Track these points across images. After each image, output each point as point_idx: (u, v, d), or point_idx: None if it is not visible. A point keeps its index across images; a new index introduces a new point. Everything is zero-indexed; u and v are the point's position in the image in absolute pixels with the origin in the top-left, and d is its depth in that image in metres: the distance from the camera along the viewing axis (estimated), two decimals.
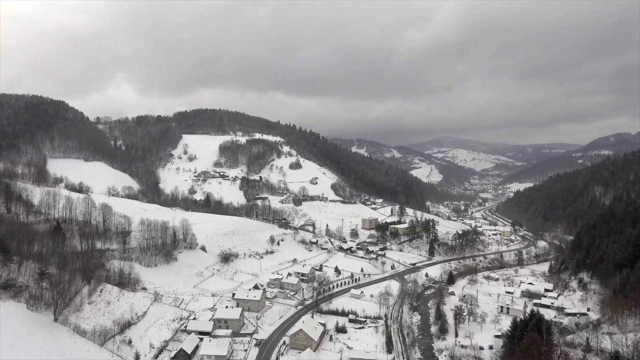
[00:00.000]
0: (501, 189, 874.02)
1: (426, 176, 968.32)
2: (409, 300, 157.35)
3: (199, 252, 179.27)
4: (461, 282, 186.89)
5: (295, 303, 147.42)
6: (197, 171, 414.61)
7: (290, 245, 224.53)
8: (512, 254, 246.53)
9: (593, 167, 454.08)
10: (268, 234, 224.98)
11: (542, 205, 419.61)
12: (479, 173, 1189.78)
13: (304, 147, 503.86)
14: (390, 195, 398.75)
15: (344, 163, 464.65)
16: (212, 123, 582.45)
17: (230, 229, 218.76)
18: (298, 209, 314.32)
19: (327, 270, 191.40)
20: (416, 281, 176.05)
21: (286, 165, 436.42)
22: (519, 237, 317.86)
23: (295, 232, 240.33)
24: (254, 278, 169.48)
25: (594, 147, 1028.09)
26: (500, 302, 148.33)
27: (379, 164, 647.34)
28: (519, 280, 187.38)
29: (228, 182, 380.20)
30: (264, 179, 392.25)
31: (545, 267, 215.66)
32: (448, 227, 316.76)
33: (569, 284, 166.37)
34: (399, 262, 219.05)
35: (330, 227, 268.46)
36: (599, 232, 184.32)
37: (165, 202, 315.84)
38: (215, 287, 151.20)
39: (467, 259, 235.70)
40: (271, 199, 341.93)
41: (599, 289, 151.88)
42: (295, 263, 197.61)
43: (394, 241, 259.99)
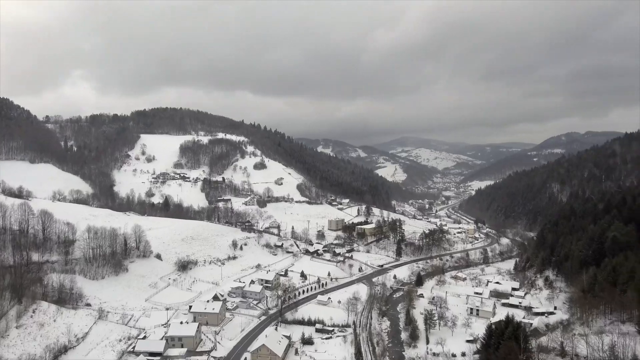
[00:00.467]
0: (462, 187, 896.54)
1: (391, 175, 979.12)
2: (378, 304, 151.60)
3: (153, 260, 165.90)
4: (429, 283, 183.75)
5: (259, 313, 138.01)
6: (155, 173, 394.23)
7: (254, 249, 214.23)
8: (477, 252, 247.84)
9: (549, 165, 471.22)
10: (230, 238, 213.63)
11: (503, 202, 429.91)
12: (441, 172, 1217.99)
13: (269, 147, 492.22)
14: (356, 195, 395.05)
15: (309, 163, 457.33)
16: (173, 122, 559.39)
17: (189, 234, 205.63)
18: (263, 210, 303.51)
19: (293, 275, 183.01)
20: (384, 284, 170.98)
21: (250, 165, 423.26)
22: (482, 235, 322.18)
23: (260, 236, 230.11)
24: (214, 287, 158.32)
25: (547, 146, 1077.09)
26: (469, 304, 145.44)
27: (345, 163, 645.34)
28: (485, 280, 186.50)
29: (189, 184, 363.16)
30: (227, 180, 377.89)
31: (510, 265, 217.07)
32: (414, 227, 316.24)
33: (535, 282, 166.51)
34: (367, 264, 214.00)
35: (296, 229, 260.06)
36: (562, 230, 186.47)
37: (119, 206, 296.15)
38: (170, 299, 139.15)
39: (434, 258, 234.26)
40: (234, 200, 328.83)
41: (565, 286, 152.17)
42: (259, 269, 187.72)
43: (361, 242, 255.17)
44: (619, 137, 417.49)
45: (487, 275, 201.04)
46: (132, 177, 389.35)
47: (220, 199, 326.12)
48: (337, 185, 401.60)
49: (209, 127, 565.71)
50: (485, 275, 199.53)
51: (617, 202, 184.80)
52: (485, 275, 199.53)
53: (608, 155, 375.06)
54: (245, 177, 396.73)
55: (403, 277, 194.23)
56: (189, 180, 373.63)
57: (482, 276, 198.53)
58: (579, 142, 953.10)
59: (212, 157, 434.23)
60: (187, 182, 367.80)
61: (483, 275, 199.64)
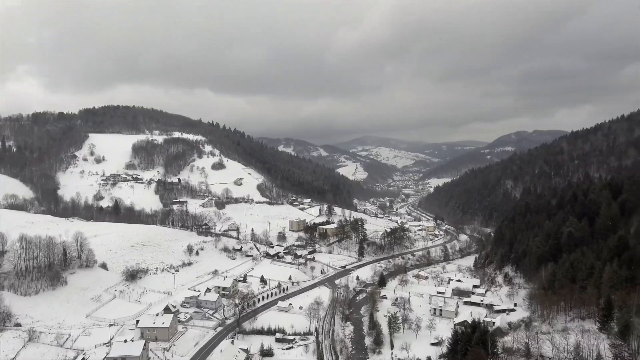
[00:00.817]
0: (421, 184, 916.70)
1: (352, 174, 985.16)
2: (341, 308, 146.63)
3: (97, 270, 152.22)
4: (392, 283, 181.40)
5: (215, 324, 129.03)
6: (105, 174, 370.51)
7: (211, 254, 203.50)
8: (438, 249, 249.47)
9: (503, 162, 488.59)
10: (185, 243, 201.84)
11: (460, 199, 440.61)
12: (400, 170, 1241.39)
13: (227, 146, 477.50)
14: (318, 194, 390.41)
15: (270, 162, 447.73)
16: (125, 121, 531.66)
17: (139, 240, 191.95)
18: (221, 212, 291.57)
19: (252, 280, 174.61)
20: (347, 286, 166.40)
21: (208, 165, 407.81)
22: (442, 232, 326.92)
23: (217, 239, 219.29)
24: (166, 297, 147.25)
25: (498, 144, 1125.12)
26: (432, 304, 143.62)
27: (306, 163, 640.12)
28: (447, 278, 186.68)
29: (142, 186, 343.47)
30: (184, 181, 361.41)
31: (470, 262, 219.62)
32: (376, 225, 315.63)
33: (495, 279, 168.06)
34: (329, 266, 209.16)
35: (257, 231, 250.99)
36: (519, 226, 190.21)
37: (63, 212, 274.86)
38: (115, 313, 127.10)
39: (396, 257, 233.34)
40: (191, 202, 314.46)
41: (524, 283, 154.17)
42: (216, 275, 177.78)
43: (323, 242, 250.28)
44: (565, 135, 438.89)
45: (448, 272, 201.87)
46: (79, 179, 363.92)
47: (176, 201, 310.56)
48: (298, 185, 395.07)
49: (165, 126, 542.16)
50: (446, 273, 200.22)
51: (569, 198, 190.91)
52: (446, 273, 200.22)
53: (556, 152, 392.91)
54: (202, 177, 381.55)
55: (366, 278, 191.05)
56: (142, 181, 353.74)
57: (443, 274, 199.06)
58: (528, 140, 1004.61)
59: (168, 157, 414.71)
60: (140, 184, 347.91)
61: (444, 273, 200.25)
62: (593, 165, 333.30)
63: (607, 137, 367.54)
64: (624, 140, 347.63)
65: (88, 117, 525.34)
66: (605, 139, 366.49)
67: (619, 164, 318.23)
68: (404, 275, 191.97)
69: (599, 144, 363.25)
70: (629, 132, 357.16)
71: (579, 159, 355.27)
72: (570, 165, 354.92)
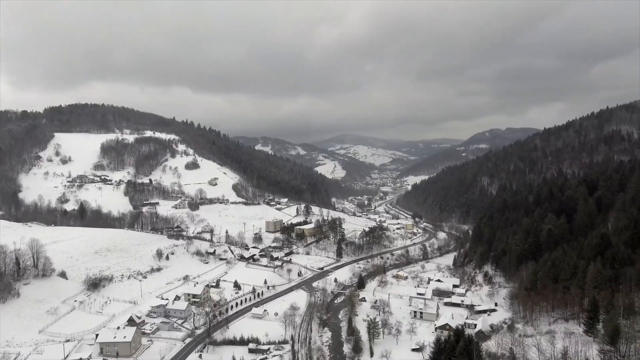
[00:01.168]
0: (399, 182, 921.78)
1: (330, 172, 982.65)
2: (318, 313, 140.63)
3: (55, 280, 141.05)
4: (371, 285, 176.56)
5: (183, 335, 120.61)
6: (71, 176, 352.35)
7: (182, 258, 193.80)
8: (416, 248, 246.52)
9: (479, 159, 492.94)
10: (154, 247, 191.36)
11: (438, 196, 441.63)
12: (378, 168, 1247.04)
13: (202, 145, 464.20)
14: (295, 194, 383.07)
15: (246, 162, 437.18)
16: (94, 120, 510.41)
17: (104, 246, 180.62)
18: (194, 214, 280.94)
19: (226, 285, 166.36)
20: (325, 289, 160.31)
21: (181, 165, 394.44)
22: (420, 230, 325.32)
23: (189, 243, 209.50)
24: (132, 307, 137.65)
25: (473, 141, 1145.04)
26: (413, 306, 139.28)
27: (283, 161, 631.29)
28: (427, 277, 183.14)
29: (110, 187, 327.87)
30: (156, 181, 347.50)
31: (449, 260, 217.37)
32: (354, 224, 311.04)
33: (475, 278, 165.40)
34: (307, 268, 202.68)
35: (232, 233, 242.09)
36: (497, 223, 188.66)
37: (24, 216, 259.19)
38: (73, 327, 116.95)
39: (375, 257, 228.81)
40: (163, 204, 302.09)
41: (505, 282, 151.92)
42: (187, 281, 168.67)
43: (301, 243, 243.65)
44: (539, 133, 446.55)
45: (427, 272, 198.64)
46: (42, 181, 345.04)
47: (147, 203, 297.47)
48: (275, 184, 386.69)
49: (136, 125, 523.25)
50: (426, 273, 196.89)
51: (546, 195, 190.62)
52: (426, 273, 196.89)
53: (530, 149, 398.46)
54: (175, 178, 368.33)
55: (344, 280, 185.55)
56: (111, 183, 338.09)
57: (423, 273, 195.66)
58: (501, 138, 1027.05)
59: (139, 157, 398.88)
60: (109, 185, 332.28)
61: (424, 273, 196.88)
62: (566, 162, 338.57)
63: (578, 134, 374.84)
64: (594, 137, 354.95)
65: (54, 116, 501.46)
66: (576, 136, 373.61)
67: (590, 159, 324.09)
68: (383, 275, 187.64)
69: (571, 141, 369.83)
70: (599, 128, 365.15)
71: (552, 156, 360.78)
72: (544, 161, 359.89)
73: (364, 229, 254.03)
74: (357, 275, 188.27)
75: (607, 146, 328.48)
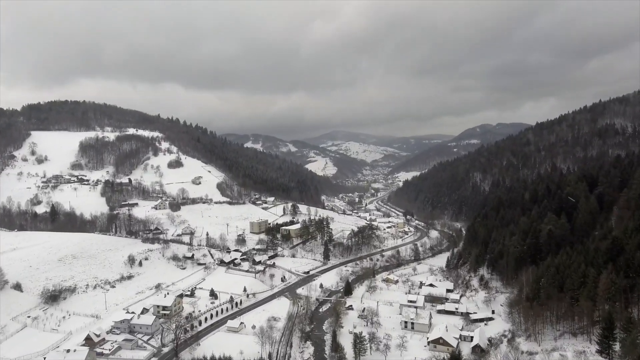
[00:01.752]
0: (391, 178, 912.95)
1: (321, 169, 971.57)
2: (301, 325, 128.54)
3: (8, 293, 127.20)
4: (360, 290, 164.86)
5: (148, 355, 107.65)
6: (47, 176, 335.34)
7: (157, 264, 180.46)
8: (408, 248, 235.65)
9: (471, 155, 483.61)
10: (127, 252, 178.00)
11: (430, 193, 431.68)
12: (370, 164, 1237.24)
13: (186, 143, 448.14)
14: (283, 192, 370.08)
15: (232, 159, 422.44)
16: (74, 117, 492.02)
17: (70, 252, 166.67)
18: (175, 215, 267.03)
19: (201, 294, 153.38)
20: (308, 298, 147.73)
21: (164, 163, 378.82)
22: (412, 228, 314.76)
23: (165, 247, 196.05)
24: (94, 322, 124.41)
25: (464, 137, 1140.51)
26: (403, 316, 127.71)
27: (272, 158, 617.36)
28: (418, 281, 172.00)
29: (87, 188, 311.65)
30: (136, 181, 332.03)
31: (442, 261, 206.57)
32: (343, 223, 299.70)
33: (470, 282, 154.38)
34: (291, 272, 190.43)
35: (213, 235, 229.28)
36: (492, 223, 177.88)
37: None
38: (21, 349, 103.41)
39: (364, 258, 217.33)
40: (143, 204, 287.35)
41: (502, 286, 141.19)
42: (160, 290, 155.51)
43: (286, 245, 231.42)
44: (531, 127, 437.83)
45: (419, 275, 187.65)
46: (16, 182, 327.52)
47: (125, 204, 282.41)
48: (261, 182, 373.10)
49: (119, 122, 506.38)
50: (417, 275, 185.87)
51: (543, 192, 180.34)
52: (417, 275, 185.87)
53: (523, 144, 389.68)
54: (157, 177, 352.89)
55: (331, 285, 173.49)
56: (88, 183, 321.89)
57: (414, 276, 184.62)
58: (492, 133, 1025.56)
59: (119, 156, 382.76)
60: (85, 186, 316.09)
61: (415, 276, 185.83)
62: (559, 156, 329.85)
63: (571, 128, 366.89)
64: (588, 131, 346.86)
65: (32, 114, 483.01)
66: (570, 130, 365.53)
67: (584, 154, 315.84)
68: (372, 279, 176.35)
69: (564, 135, 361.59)
70: (592, 122, 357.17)
71: (546, 150, 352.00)
72: (537, 156, 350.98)
73: (352, 230, 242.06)
74: (345, 279, 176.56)
75: (602, 140, 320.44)
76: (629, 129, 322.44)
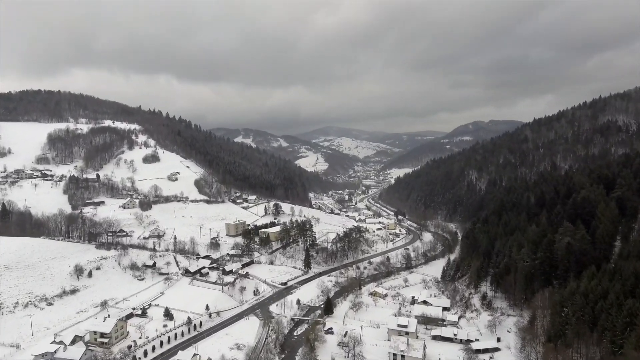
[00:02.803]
0: (382, 175, 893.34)
1: (312, 165, 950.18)
2: (270, 354, 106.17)
3: None
4: (342, 307, 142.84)
5: None
6: (7, 170, 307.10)
7: (110, 275, 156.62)
8: (399, 254, 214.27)
9: (466, 152, 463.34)
10: (75, 261, 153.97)
11: (423, 192, 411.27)
12: (362, 160, 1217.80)
13: (165, 136, 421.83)
14: (266, 190, 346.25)
15: (213, 154, 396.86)
16: (46, 108, 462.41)
17: (3, 262, 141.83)
18: (145, 214, 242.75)
19: (155, 313, 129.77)
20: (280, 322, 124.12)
21: (139, 158, 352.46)
22: (403, 230, 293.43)
23: (124, 253, 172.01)
24: (11, 354, 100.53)
25: (457, 133, 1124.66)
26: (392, 347, 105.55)
27: (260, 154, 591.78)
28: (410, 296, 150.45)
29: (49, 184, 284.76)
30: (106, 177, 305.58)
31: (436, 269, 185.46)
32: (330, 224, 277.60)
33: (470, 300, 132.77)
34: (267, 283, 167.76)
35: (184, 238, 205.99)
36: (494, 230, 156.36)
37: None
38: None
39: (350, 266, 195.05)
40: (110, 203, 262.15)
41: (508, 307, 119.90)
42: (105, 307, 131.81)
43: (264, 250, 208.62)
44: (529, 123, 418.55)
45: (411, 286, 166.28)
46: None
47: (90, 202, 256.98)
48: (243, 179, 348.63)
49: (95, 113, 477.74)
50: (409, 288, 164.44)
51: (551, 195, 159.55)
52: (409, 288, 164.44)
53: (521, 141, 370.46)
54: (131, 172, 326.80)
55: (310, 299, 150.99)
56: (51, 178, 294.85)
57: (405, 289, 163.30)
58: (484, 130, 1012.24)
59: (90, 149, 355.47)
60: (48, 182, 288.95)
61: (407, 288, 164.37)
62: (559, 154, 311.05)
63: (571, 124, 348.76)
64: (589, 128, 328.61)
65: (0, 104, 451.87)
66: (569, 126, 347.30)
67: (586, 152, 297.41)
68: (358, 293, 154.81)
69: (564, 132, 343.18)
70: (593, 119, 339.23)
71: (545, 147, 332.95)
72: (536, 154, 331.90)
73: (337, 234, 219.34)
74: (326, 292, 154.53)
75: (604, 137, 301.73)
76: (632, 126, 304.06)
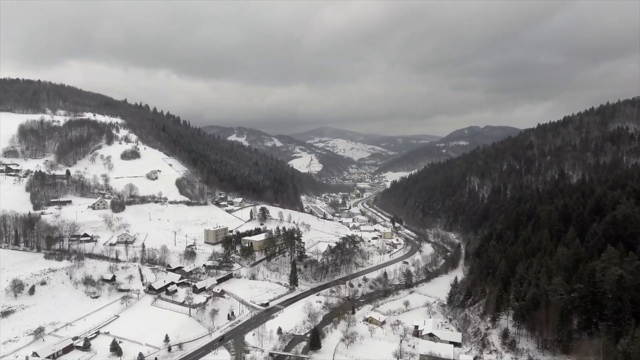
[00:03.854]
0: (377, 178, 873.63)
1: (306, 166, 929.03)
2: None
3: None
4: (332, 338, 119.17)
5: None
6: None
7: (57, 291, 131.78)
8: (397, 269, 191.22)
9: (466, 156, 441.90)
10: (14, 274, 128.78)
11: (421, 198, 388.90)
12: (356, 162, 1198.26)
13: (149, 131, 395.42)
14: (254, 192, 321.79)
15: (198, 152, 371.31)
16: (23, 98, 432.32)
17: None
18: (116, 217, 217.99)
19: (100, 346, 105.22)
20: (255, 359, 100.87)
21: (117, 154, 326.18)
22: (401, 240, 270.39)
23: (77, 264, 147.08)
24: None
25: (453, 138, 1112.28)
26: None
27: (251, 153, 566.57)
28: (412, 325, 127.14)
29: (12, 180, 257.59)
30: (77, 173, 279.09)
31: (440, 289, 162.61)
32: (322, 232, 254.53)
33: (487, 337, 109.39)
34: (245, 303, 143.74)
35: (156, 245, 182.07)
36: (514, 250, 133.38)
37: None
38: None
39: (343, 282, 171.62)
40: (78, 203, 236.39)
41: (537, 350, 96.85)
42: (40, 336, 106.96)
43: (246, 261, 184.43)
44: (533, 129, 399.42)
45: (413, 311, 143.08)
46: None
47: (55, 202, 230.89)
48: (229, 179, 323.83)
49: (76, 105, 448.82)
50: (411, 313, 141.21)
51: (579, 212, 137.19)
52: (411, 313, 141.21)
53: (525, 146, 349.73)
54: (106, 169, 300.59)
55: (295, 326, 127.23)
56: (15, 174, 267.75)
57: (406, 313, 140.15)
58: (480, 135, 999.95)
59: (64, 143, 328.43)
60: (11, 177, 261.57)
61: (408, 313, 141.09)
62: (567, 162, 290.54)
63: (579, 131, 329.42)
64: (598, 135, 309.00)
65: None
66: (577, 133, 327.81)
67: (596, 160, 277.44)
68: (351, 317, 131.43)
69: (571, 138, 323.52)
70: (602, 125, 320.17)
71: (552, 155, 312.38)
72: (543, 161, 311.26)
73: (329, 245, 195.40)
74: (314, 316, 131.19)
75: (615, 146, 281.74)
76: None
